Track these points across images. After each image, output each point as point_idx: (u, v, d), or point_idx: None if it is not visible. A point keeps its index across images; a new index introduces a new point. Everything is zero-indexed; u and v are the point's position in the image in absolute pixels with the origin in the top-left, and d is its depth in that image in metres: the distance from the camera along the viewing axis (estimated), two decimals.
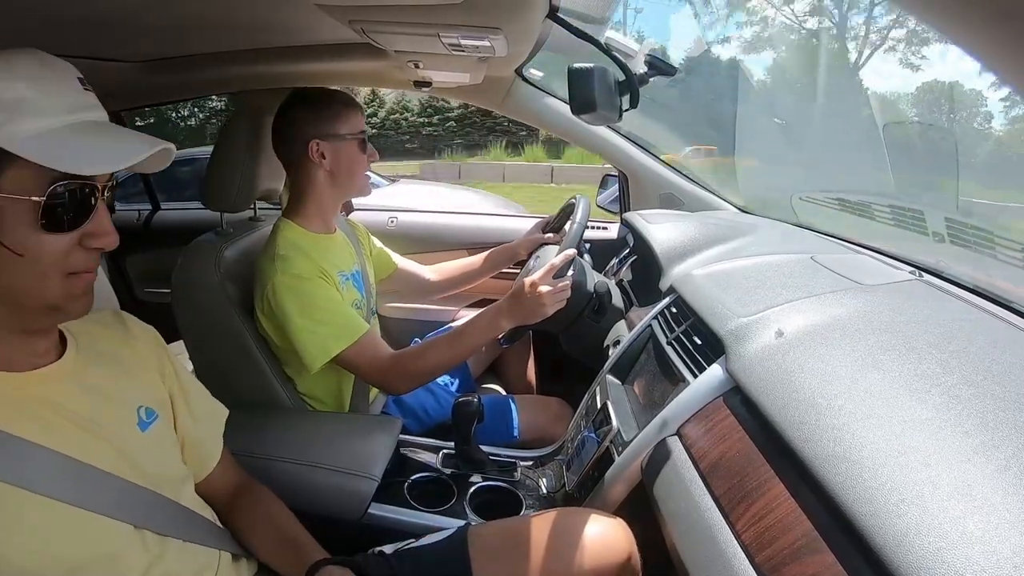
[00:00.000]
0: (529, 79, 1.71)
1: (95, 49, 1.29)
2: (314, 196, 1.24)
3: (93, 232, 0.60)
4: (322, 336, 1.12)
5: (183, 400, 0.81)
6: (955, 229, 1.14)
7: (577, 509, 0.91)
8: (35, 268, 0.57)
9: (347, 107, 1.22)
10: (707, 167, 2.59)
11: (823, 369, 0.68)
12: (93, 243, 0.60)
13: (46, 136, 0.56)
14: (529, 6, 0.82)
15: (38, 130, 0.55)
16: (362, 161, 1.25)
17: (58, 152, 0.55)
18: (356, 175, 1.26)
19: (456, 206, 4.75)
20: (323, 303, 1.13)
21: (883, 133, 1.47)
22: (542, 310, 1.14)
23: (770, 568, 0.57)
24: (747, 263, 1.11)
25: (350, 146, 1.22)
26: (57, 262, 0.58)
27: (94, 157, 0.57)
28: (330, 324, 1.13)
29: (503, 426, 1.37)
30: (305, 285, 1.12)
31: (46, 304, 0.60)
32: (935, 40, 9.16)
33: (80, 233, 0.59)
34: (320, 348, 1.12)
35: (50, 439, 0.61)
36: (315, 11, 0.85)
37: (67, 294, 0.60)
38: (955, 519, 0.46)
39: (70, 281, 0.60)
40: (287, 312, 1.11)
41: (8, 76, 0.55)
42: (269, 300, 1.12)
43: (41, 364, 0.64)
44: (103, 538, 0.62)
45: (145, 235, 2.30)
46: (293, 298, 1.11)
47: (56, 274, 0.59)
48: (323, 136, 1.20)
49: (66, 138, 0.57)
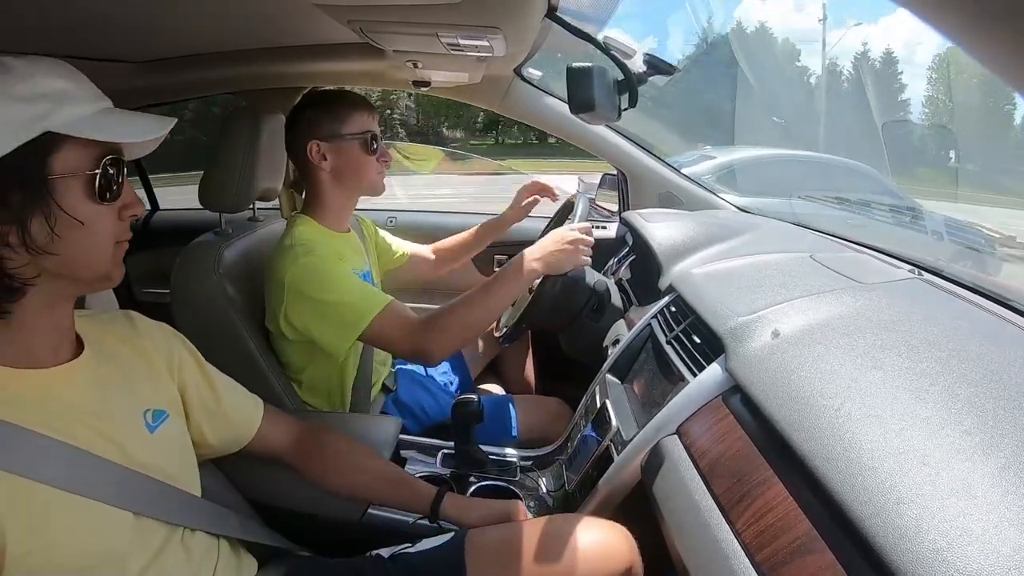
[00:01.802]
0: (528, 79, 1.71)
1: (95, 50, 1.29)
2: (323, 197, 1.25)
3: (128, 203, 0.66)
4: (350, 308, 1.09)
5: (203, 380, 0.83)
6: (954, 228, 1.14)
7: (578, 516, 0.90)
8: (93, 238, 0.63)
9: (350, 107, 1.22)
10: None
11: (822, 368, 0.68)
12: (128, 212, 0.67)
13: (88, 119, 0.62)
14: (528, 6, 0.82)
15: (81, 114, 0.61)
16: (368, 161, 1.24)
17: (107, 129, 0.62)
18: (363, 175, 1.25)
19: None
20: (343, 278, 1.12)
21: (882, 132, 1.47)
22: (575, 257, 1.11)
23: (770, 567, 0.57)
24: (746, 262, 1.11)
25: (351, 146, 1.22)
26: (109, 230, 0.65)
27: (132, 131, 0.64)
28: (354, 294, 1.10)
29: (502, 426, 1.37)
30: (325, 264, 1.11)
31: (101, 273, 0.65)
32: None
33: (120, 204, 0.65)
34: (349, 322, 1.09)
35: (60, 436, 0.61)
36: (314, 11, 0.85)
37: (115, 261, 0.66)
38: (955, 518, 0.46)
39: (118, 249, 0.67)
40: (309, 294, 1.09)
41: (47, 72, 0.61)
42: (288, 289, 1.10)
43: (60, 362, 0.66)
44: (104, 527, 0.63)
45: (144, 235, 2.29)
46: (315, 278, 1.10)
47: (109, 243, 0.65)
48: (323, 138, 1.20)
49: (102, 120, 0.63)
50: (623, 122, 1.38)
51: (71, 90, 0.62)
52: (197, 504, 0.76)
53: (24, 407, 0.60)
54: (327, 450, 0.95)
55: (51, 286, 0.62)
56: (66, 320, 0.68)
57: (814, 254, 1.08)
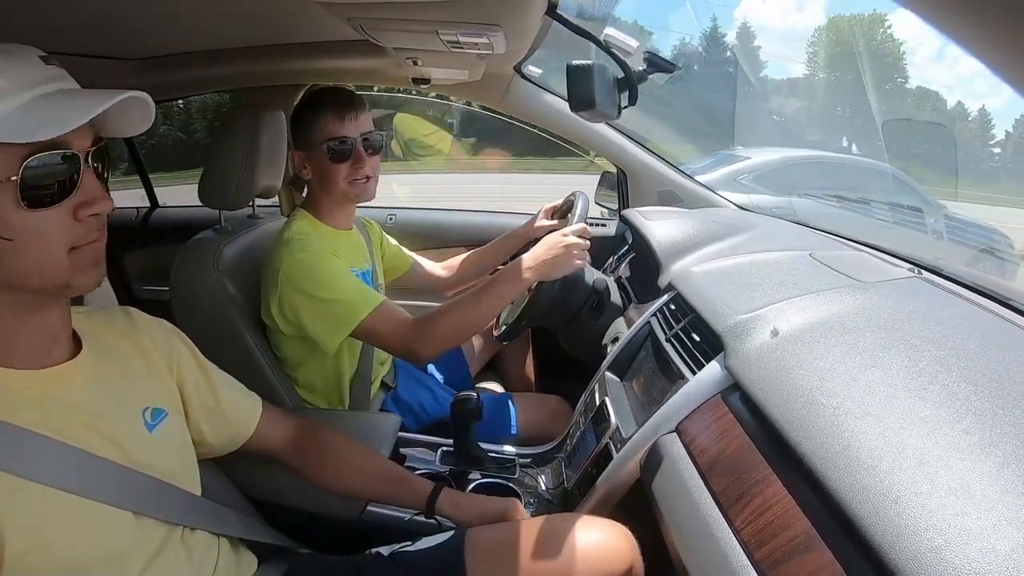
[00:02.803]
0: (528, 76, 1.71)
1: (94, 47, 1.29)
2: (320, 197, 1.26)
3: (84, 201, 0.58)
4: (342, 305, 1.10)
5: (201, 377, 0.82)
6: (954, 226, 1.14)
7: (578, 515, 0.89)
8: (31, 249, 0.56)
9: (319, 112, 1.18)
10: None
11: (821, 366, 0.68)
12: (87, 212, 0.58)
13: (7, 115, 0.54)
14: (528, 3, 0.81)
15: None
16: (335, 170, 1.19)
17: (17, 126, 0.54)
18: (335, 182, 1.20)
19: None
20: (338, 275, 1.12)
21: (882, 131, 1.47)
22: (570, 262, 1.12)
23: (769, 565, 0.57)
24: (746, 260, 1.11)
25: (321, 155, 1.19)
26: (54, 238, 0.57)
27: (50, 121, 0.55)
28: (349, 292, 1.11)
29: (502, 423, 1.37)
30: (321, 261, 1.11)
31: (54, 283, 0.59)
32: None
33: (71, 205, 0.58)
34: (342, 319, 1.10)
35: (59, 436, 0.61)
36: (314, 8, 0.85)
37: (75, 268, 0.59)
38: (953, 516, 0.46)
39: (76, 255, 0.59)
40: (304, 289, 1.10)
41: None
42: (283, 283, 1.11)
43: (57, 362, 0.65)
44: (103, 527, 0.63)
45: (143, 233, 2.29)
46: (309, 274, 1.10)
47: (57, 251, 0.58)
48: (300, 147, 1.21)
49: (30, 111, 0.55)
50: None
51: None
52: (197, 503, 0.76)
53: (22, 407, 0.60)
54: (325, 448, 0.95)
55: (11, 298, 0.59)
56: (55, 322, 0.65)
57: (814, 252, 1.08)
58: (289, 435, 0.94)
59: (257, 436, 0.89)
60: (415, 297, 1.92)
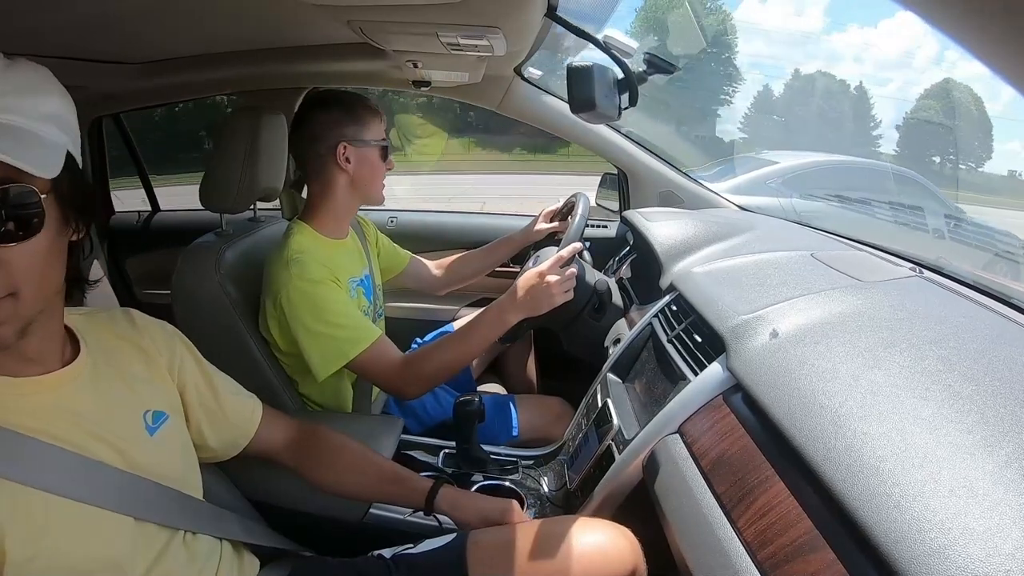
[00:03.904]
0: (528, 78, 1.71)
1: (94, 51, 1.29)
2: (332, 201, 1.24)
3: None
4: (337, 341, 1.11)
5: (202, 379, 0.82)
6: (955, 225, 1.14)
7: (581, 518, 0.89)
8: None
9: (372, 114, 1.23)
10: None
11: (824, 366, 0.68)
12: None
13: None
14: (528, 5, 0.81)
15: None
16: (382, 170, 1.26)
17: None
18: (376, 182, 1.26)
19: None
20: (337, 308, 1.12)
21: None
22: (551, 299, 1.13)
23: (772, 566, 0.57)
24: (747, 261, 1.10)
25: (374, 153, 1.23)
26: None
27: None
28: (345, 328, 1.12)
29: (504, 425, 1.37)
30: (319, 290, 1.11)
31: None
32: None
33: None
34: (334, 354, 1.11)
35: (59, 442, 0.61)
36: (313, 11, 0.85)
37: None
38: (956, 516, 0.46)
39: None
40: (301, 318, 1.11)
41: None
42: (283, 306, 1.12)
43: (52, 368, 0.64)
44: (104, 533, 0.63)
45: (145, 236, 2.30)
46: (308, 304, 1.10)
47: None
48: (350, 140, 1.20)
49: None
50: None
51: None
52: (198, 507, 0.76)
53: (22, 413, 0.60)
54: (325, 450, 0.95)
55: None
56: (53, 330, 0.64)
57: (815, 253, 1.08)
58: (289, 437, 0.94)
59: (258, 438, 0.89)
60: (412, 299, 1.92)
